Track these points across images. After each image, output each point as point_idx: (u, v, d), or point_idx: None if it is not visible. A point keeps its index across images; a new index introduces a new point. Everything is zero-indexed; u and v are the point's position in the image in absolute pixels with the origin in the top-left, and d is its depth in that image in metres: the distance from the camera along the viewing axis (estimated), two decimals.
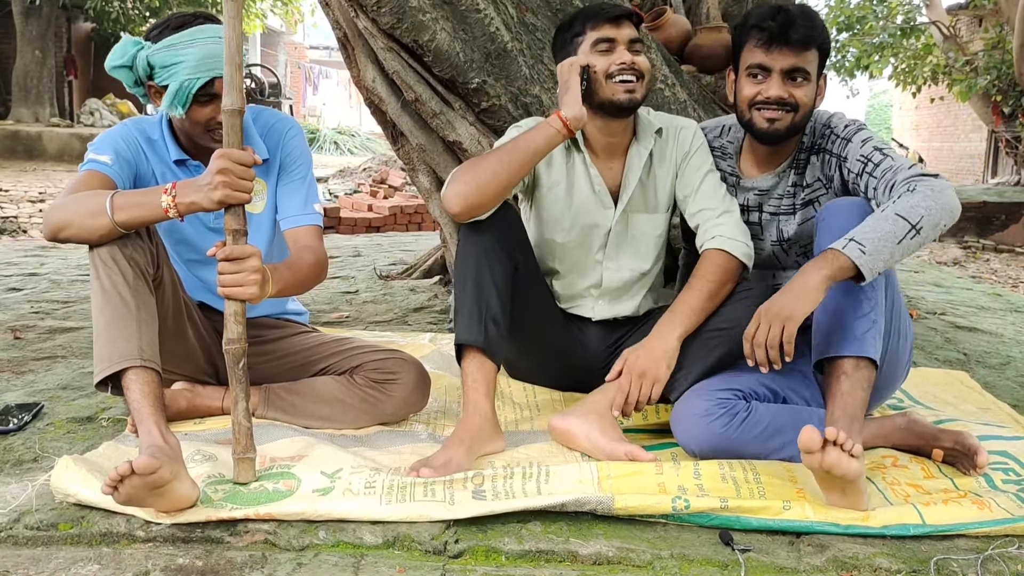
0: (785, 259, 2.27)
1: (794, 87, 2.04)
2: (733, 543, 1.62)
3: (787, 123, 2.06)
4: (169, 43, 1.95)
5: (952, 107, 16.35)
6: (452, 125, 3.18)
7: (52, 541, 1.60)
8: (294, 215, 2.16)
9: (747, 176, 2.25)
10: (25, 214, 9.67)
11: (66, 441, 2.08)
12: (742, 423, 1.91)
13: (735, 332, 2.02)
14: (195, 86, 1.96)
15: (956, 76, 12.44)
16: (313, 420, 2.15)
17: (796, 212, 2.20)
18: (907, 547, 1.63)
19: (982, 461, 1.88)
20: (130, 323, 1.82)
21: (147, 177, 2.11)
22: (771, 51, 2.03)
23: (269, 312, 2.36)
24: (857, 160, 2.04)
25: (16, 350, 2.92)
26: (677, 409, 2.01)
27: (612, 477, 1.77)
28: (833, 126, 2.13)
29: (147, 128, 2.14)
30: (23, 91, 16.15)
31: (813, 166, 2.16)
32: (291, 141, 2.22)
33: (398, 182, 10.55)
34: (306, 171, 2.23)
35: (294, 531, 1.62)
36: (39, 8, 15.64)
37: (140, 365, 1.80)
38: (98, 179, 1.98)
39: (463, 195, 2.02)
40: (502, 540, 1.61)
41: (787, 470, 1.86)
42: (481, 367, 2.02)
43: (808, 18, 2.04)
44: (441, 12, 2.98)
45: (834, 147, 2.11)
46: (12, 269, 4.73)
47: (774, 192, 2.21)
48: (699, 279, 2.09)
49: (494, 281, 2.04)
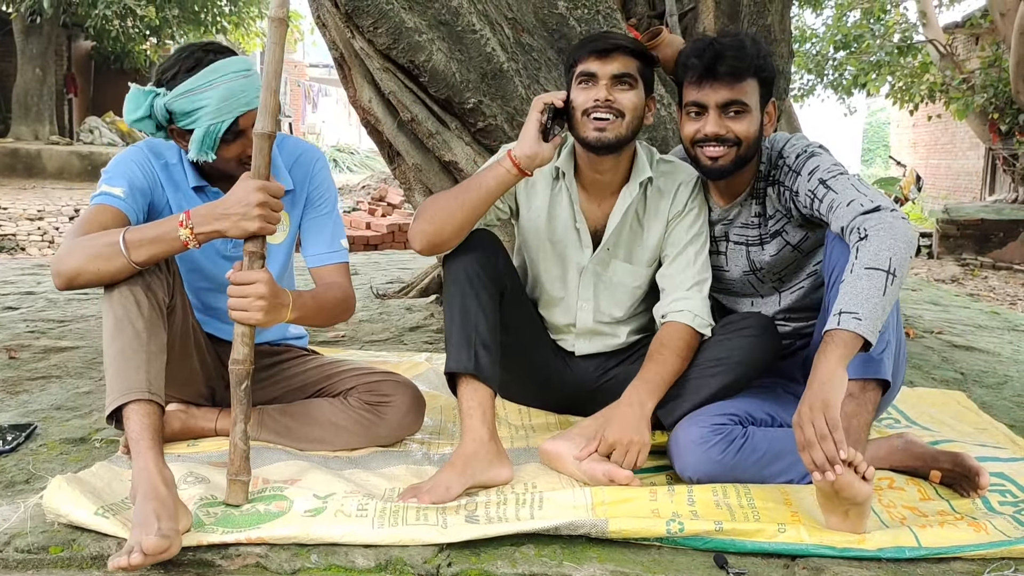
0: (761, 287, 2.25)
1: (731, 121, 2.00)
2: (728, 566, 1.61)
3: (731, 158, 2.02)
4: (186, 89, 1.90)
5: (949, 125, 16.38)
6: (448, 145, 3.19)
7: (43, 564, 1.58)
8: (321, 253, 2.15)
9: (714, 206, 2.21)
10: (23, 232, 9.69)
11: (59, 462, 2.07)
12: (739, 450, 1.90)
13: (731, 363, 2.03)
14: (221, 130, 1.92)
15: (953, 94, 12.47)
16: (307, 443, 2.13)
17: (765, 243, 2.17)
18: (903, 570, 1.62)
19: (984, 483, 1.87)
20: (140, 355, 1.79)
21: (161, 206, 2.06)
22: (703, 87, 2.00)
23: (272, 339, 2.35)
24: (806, 195, 2.00)
25: (11, 369, 2.91)
26: (673, 437, 1.99)
27: (606, 503, 1.76)
28: (785, 155, 2.08)
29: (163, 151, 2.08)
30: (23, 109, 16.21)
31: (771, 198, 2.13)
32: (319, 174, 2.19)
33: (397, 200, 10.57)
34: (332, 206, 2.20)
35: (286, 554, 1.61)
36: (39, 26, 15.72)
37: (145, 399, 1.76)
38: (110, 214, 1.92)
39: (424, 232, 2.04)
40: (495, 563, 1.60)
41: (782, 493, 1.85)
42: (475, 394, 1.99)
43: (737, 48, 1.98)
44: (437, 33, 3.00)
45: (786, 179, 2.07)
46: (8, 287, 4.72)
47: (737, 221, 2.19)
48: (668, 352, 2.07)
49: (481, 307, 2.01)
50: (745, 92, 2.00)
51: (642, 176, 2.17)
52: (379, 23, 2.94)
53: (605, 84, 2.03)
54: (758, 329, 2.10)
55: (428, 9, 2.98)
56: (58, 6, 15.07)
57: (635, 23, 4.12)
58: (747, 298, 2.28)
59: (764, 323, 2.13)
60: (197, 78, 1.90)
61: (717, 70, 1.98)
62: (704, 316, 2.12)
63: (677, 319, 2.10)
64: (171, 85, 1.92)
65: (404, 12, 2.94)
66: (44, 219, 10.26)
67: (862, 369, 1.85)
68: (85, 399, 2.58)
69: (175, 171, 2.08)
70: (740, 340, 2.08)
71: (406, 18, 2.94)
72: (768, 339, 2.11)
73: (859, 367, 1.84)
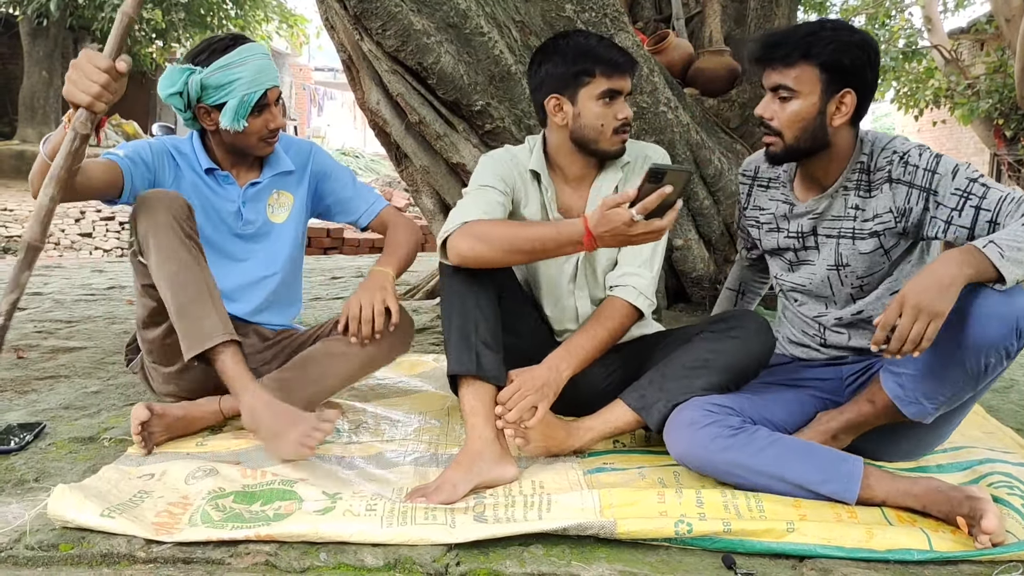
0: (839, 289, 2.13)
1: (779, 105, 1.98)
2: (736, 567, 1.61)
3: (779, 147, 2.00)
4: (222, 64, 2.16)
5: (954, 130, 16.38)
6: (456, 147, 3.20)
7: (52, 562, 1.59)
8: (365, 211, 2.50)
9: (801, 200, 2.14)
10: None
11: (68, 461, 2.07)
12: (733, 436, 1.87)
13: (716, 366, 2.03)
14: (254, 98, 2.19)
15: (958, 99, 12.47)
16: (309, 387, 2.21)
17: (859, 239, 2.06)
18: (910, 572, 1.62)
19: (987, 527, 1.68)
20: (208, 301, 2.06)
21: (168, 183, 2.28)
22: (763, 71, 2.01)
23: (277, 326, 2.50)
24: (954, 194, 1.91)
25: (19, 369, 2.92)
26: (669, 422, 1.99)
27: (614, 505, 1.76)
28: (903, 154, 1.99)
29: (178, 143, 2.36)
30: (29, 111, 16.24)
31: (885, 195, 2.01)
32: (319, 155, 2.49)
33: (402, 203, 10.58)
34: (350, 175, 2.53)
35: (295, 553, 1.62)
36: (46, 29, 15.76)
37: (228, 339, 2.04)
38: (104, 162, 2.13)
39: (475, 252, 1.97)
40: (504, 563, 1.60)
41: (791, 497, 1.84)
42: (477, 394, 1.99)
43: (788, 33, 1.97)
44: (445, 35, 3.01)
45: (916, 178, 1.96)
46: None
47: (828, 214, 2.10)
48: (601, 326, 2.11)
49: (479, 306, 2.02)
50: (794, 77, 1.96)
51: (620, 163, 2.24)
52: (388, 25, 2.95)
53: (624, 100, 2.14)
54: (749, 331, 2.09)
55: (437, 11, 2.99)
56: (64, 9, 15.11)
57: (642, 27, 4.13)
58: (821, 300, 2.18)
59: (757, 324, 2.10)
60: (232, 55, 2.17)
61: (767, 54, 1.98)
62: (648, 295, 2.15)
63: (619, 294, 2.15)
64: (207, 62, 2.17)
65: (413, 14, 2.95)
66: None
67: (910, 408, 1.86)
68: (93, 398, 2.59)
69: (188, 158, 2.34)
70: (729, 343, 2.07)
71: (415, 20, 2.95)
72: (759, 342, 2.09)
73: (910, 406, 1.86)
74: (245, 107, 2.18)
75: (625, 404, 2.09)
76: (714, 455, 1.88)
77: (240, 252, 2.39)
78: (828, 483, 1.81)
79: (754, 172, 2.26)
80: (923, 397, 1.85)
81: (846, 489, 1.80)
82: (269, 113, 2.24)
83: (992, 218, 1.86)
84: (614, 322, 2.12)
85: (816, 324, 2.18)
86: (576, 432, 2.11)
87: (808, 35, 1.94)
